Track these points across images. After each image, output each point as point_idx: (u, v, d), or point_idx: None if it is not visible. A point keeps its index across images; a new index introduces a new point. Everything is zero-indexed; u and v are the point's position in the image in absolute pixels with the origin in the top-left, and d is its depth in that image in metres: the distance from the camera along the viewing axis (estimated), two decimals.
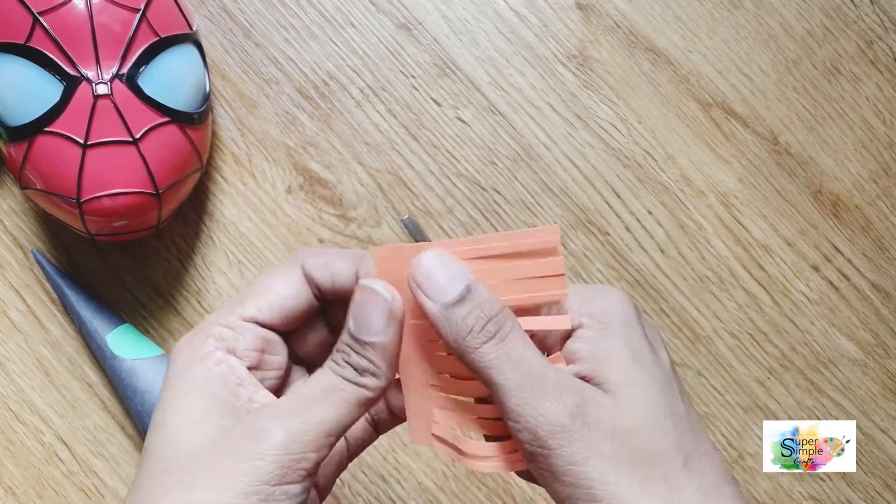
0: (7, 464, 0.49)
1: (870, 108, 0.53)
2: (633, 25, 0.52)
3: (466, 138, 0.51)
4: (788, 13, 0.53)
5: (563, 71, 0.52)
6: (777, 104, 0.52)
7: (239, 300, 0.30)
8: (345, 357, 0.29)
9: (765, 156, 0.52)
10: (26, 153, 0.42)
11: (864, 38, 0.53)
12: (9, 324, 0.49)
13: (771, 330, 0.52)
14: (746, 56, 0.52)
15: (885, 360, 0.52)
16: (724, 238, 0.52)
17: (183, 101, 0.44)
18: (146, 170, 0.42)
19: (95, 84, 0.41)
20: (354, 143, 0.51)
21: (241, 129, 0.51)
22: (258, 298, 0.30)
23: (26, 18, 0.41)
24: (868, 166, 0.52)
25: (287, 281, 0.31)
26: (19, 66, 0.41)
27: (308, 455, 0.27)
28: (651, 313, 0.51)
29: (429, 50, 0.52)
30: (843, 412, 0.52)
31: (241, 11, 0.51)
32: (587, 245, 0.51)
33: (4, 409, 0.49)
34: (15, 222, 0.50)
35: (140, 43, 0.42)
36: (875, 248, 0.52)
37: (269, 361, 0.31)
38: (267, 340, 0.30)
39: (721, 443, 0.51)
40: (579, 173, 0.52)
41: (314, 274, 0.31)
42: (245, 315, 0.30)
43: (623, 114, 0.52)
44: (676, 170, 0.52)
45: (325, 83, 0.51)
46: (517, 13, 0.52)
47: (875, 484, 0.52)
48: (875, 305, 0.52)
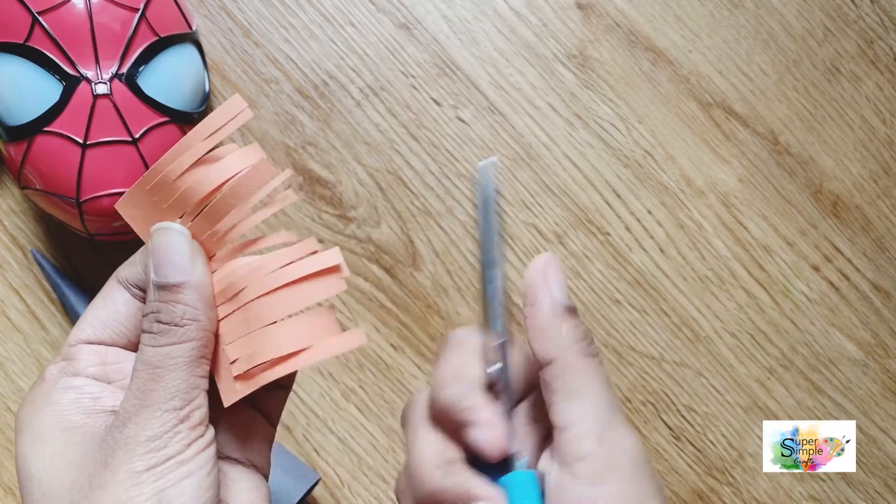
0: (7, 464, 0.48)
1: (870, 107, 0.53)
2: (633, 25, 0.52)
3: (466, 138, 0.51)
4: (788, 13, 0.53)
5: (563, 70, 0.52)
6: (777, 104, 0.52)
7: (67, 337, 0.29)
8: (156, 317, 0.27)
9: (765, 155, 0.52)
10: (26, 153, 0.42)
11: (865, 37, 0.53)
12: (8, 324, 0.49)
13: (771, 330, 0.52)
14: (747, 56, 0.52)
15: (886, 360, 0.52)
16: (725, 238, 0.52)
17: (182, 100, 0.44)
18: (146, 170, 0.42)
19: (95, 84, 0.41)
20: (354, 142, 0.51)
21: (241, 129, 0.51)
22: (81, 324, 0.29)
23: (26, 18, 0.41)
24: (868, 166, 0.52)
25: (102, 295, 0.29)
26: (19, 65, 0.41)
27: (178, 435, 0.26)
28: (651, 313, 0.51)
29: (429, 49, 0.52)
30: (843, 412, 0.52)
31: (240, 11, 0.51)
32: (587, 245, 0.51)
33: (4, 409, 0.49)
34: (14, 222, 0.50)
35: (139, 43, 0.42)
36: (875, 247, 0.52)
37: (120, 370, 0.29)
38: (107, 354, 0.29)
39: (721, 443, 0.51)
40: (579, 173, 0.52)
41: (126, 275, 0.29)
42: (71, 341, 0.29)
43: (623, 113, 0.52)
44: (676, 170, 0.52)
45: (324, 83, 0.51)
46: (517, 13, 0.52)
47: (875, 484, 0.52)
48: (875, 305, 0.52)
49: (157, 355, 0.26)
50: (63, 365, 0.28)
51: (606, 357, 0.51)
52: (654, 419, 0.51)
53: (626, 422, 0.28)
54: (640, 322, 0.51)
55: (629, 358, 0.51)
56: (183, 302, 0.26)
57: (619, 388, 0.51)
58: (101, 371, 0.29)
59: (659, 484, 0.28)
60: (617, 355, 0.51)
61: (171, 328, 0.26)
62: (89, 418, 0.27)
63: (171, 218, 0.28)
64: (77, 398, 0.27)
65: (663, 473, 0.51)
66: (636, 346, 0.51)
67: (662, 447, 0.51)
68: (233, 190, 0.27)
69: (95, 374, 0.28)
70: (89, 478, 0.26)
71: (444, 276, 0.51)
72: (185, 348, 0.26)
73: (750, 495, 0.51)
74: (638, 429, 0.51)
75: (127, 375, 0.29)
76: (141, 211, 0.28)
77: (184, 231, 0.27)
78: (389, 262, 0.50)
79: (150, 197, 0.28)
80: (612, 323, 0.51)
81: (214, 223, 0.27)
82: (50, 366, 0.29)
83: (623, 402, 0.51)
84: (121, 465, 0.25)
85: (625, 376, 0.51)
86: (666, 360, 0.51)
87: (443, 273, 0.51)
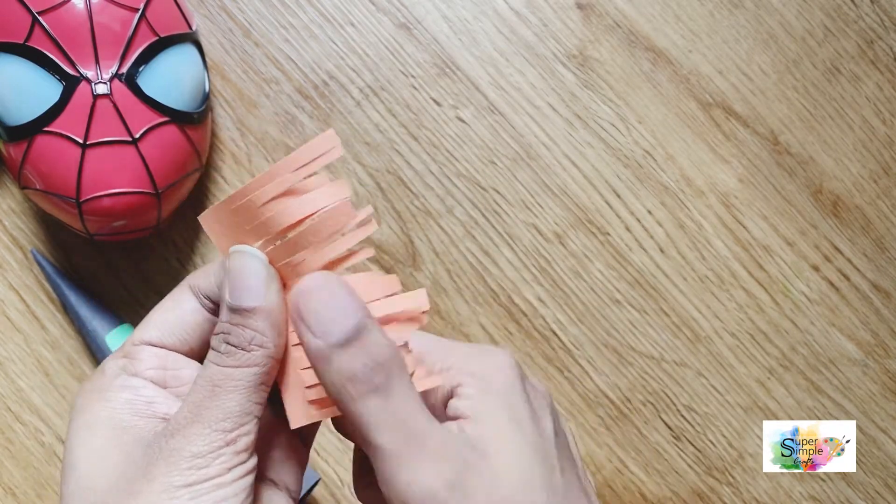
0: (7, 464, 0.49)
1: (870, 107, 0.53)
2: (633, 25, 0.52)
3: (466, 138, 0.51)
4: (789, 13, 0.53)
5: (563, 70, 0.52)
6: (777, 104, 0.52)
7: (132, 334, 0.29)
8: (225, 338, 0.27)
9: (765, 155, 0.52)
10: (25, 153, 0.42)
11: (865, 37, 0.53)
12: (8, 324, 0.49)
13: (771, 330, 0.52)
14: (746, 56, 0.52)
15: (885, 360, 0.52)
16: (725, 238, 0.52)
17: (182, 100, 0.44)
18: (146, 170, 0.42)
19: (95, 84, 0.41)
20: (354, 142, 0.51)
21: (241, 129, 0.51)
22: (144, 323, 0.29)
23: (25, 18, 0.41)
24: (868, 166, 0.52)
25: (173, 299, 0.29)
26: (19, 65, 0.41)
27: (222, 457, 0.26)
28: (651, 313, 0.51)
29: (429, 49, 0.52)
30: (843, 412, 0.52)
31: (240, 11, 0.51)
32: (587, 245, 0.51)
33: (4, 409, 0.49)
34: (14, 222, 0.50)
35: (139, 43, 0.42)
36: (875, 247, 0.52)
37: (177, 377, 0.29)
38: (168, 358, 0.29)
39: (721, 442, 0.51)
40: (579, 173, 0.52)
41: (199, 284, 0.29)
42: (135, 340, 0.29)
43: (623, 113, 0.52)
44: (676, 169, 0.52)
45: (324, 83, 0.51)
46: (517, 13, 0.52)
47: (875, 484, 0.52)
48: (875, 305, 0.52)
49: (219, 374, 0.26)
50: (124, 363, 0.28)
51: (606, 357, 0.51)
52: (654, 419, 0.51)
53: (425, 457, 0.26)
54: (640, 322, 0.51)
55: (629, 358, 0.51)
56: (253, 327, 0.26)
57: (618, 387, 0.51)
58: (160, 375, 0.28)
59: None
60: (617, 355, 0.51)
61: (237, 351, 0.26)
62: (140, 421, 0.27)
63: (251, 241, 0.28)
64: (132, 399, 0.27)
65: (663, 473, 0.51)
66: (636, 346, 0.51)
67: (662, 447, 0.51)
68: (315, 226, 0.27)
69: (153, 377, 0.28)
70: (128, 482, 0.26)
71: (443, 276, 0.51)
72: (247, 373, 0.26)
73: (750, 495, 0.51)
74: (638, 429, 0.51)
75: (184, 383, 0.29)
76: (222, 227, 0.28)
77: (261, 257, 0.27)
78: (389, 262, 0.51)
79: (234, 217, 0.28)
80: (612, 323, 0.51)
81: (292, 254, 0.27)
82: (110, 360, 0.29)
83: (623, 401, 0.51)
84: (160, 475, 0.25)
85: (625, 376, 0.51)
86: (666, 360, 0.51)
87: (443, 273, 0.51)
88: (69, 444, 0.27)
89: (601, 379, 0.51)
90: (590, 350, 0.51)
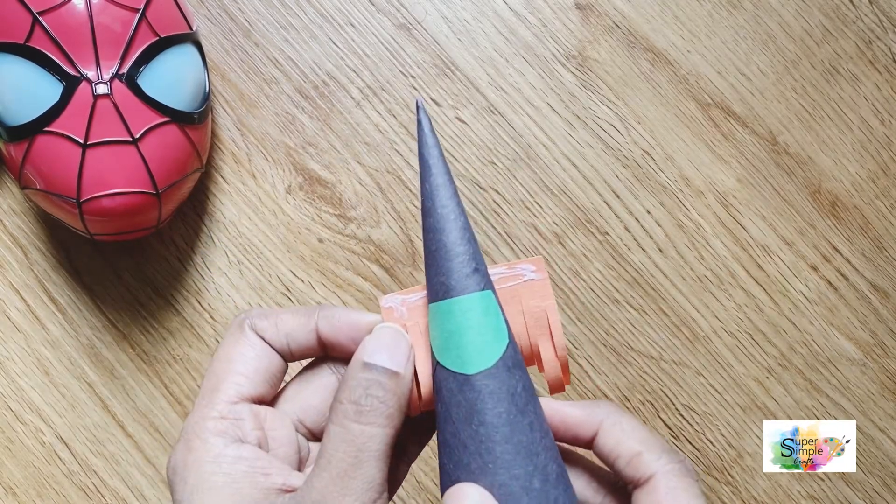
0: (7, 463, 0.49)
1: (868, 108, 0.53)
2: (633, 25, 0.52)
3: (466, 138, 0.51)
4: (787, 13, 0.53)
5: (563, 71, 0.52)
6: (776, 104, 0.53)
7: (210, 388, 0.28)
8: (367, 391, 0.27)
9: (763, 156, 0.52)
10: (26, 153, 0.42)
11: (863, 38, 0.53)
12: (8, 323, 0.49)
13: (770, 330, 0.52)
14: (745, 56, 0.53)
15: (884, 360, 0.52)
16: (723, 238, 0.52)
17: (183, 100, 0.44)
18: (146, 170, 0.42)
19: (95, 84, 0.41)
20: (354, 142, 0.51)
21: (241, 129, 0.51)
22: (231, 375, 0.28)
23: (26, 18, 0.41)
24: (867, 166, 0.53)
25: (251, 345, 0.29)
26: (19, 65, 0.41)
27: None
28: (650, 313, 0.51)
29: (428, 50, 0.52)
30: (841, 411, 0.52)
31: (240, 11, 0.51)
32: (586, 245, 0.51)
33: (4, 408, 0.49)
34: (15, 222, 0.50)
35: (140, 43, 0.42)
36: (874, 247, 0.52)
37: (275, 438, 0.28)
38: (260, 415, 0.28)
39: (720, 442, 0.51)
40: (578, 173, 0.52)
41: (266, 336, 0.29)
42: (230, 396, 0.27)
43: (622, 114, 0.52)
44: (675, 170, 0.52)
45: (324, 83, 0.51)
46: (516, 13, 0.52)
47: (874, 483, 0.52)
48: (874, 305, 0.52)
49: (360, 434, 0.26)
50: (226, 426, 0.27)
51: (605, 356, 0.51)
52: (653, 418, 0.51)
53: None
54: (639, 322, 0.51)
55: (628, 357, 0.51)
56: (392, 390, 0.27)
57: (618, 387, 0.51)
58: (261, 437, 0.28)
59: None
60: (616, 355, 0.51)
61: (379, 406, 0.26)
62: (260, 494, 0.26)
63: None
64: (250, 472, 0.27)
65: None
66: (635, 346, 0.51)
67: None
68: None
69: (258, 440, 0.28)
70: None
71: None
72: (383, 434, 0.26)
73: (749, 494, 0.51)
74: None
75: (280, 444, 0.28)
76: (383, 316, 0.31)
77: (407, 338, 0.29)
78: (389, 262, 0.51)
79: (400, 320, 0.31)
80: (611, 322, 0.51)
81: None
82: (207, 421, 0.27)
83: (622, 401, 0.51)
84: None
85: (623, 376, 0.51)
86: (665, 359, 0.51)
87: None
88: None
89: (600, 378, 0.51)
90: (589, 349, 0.51)
